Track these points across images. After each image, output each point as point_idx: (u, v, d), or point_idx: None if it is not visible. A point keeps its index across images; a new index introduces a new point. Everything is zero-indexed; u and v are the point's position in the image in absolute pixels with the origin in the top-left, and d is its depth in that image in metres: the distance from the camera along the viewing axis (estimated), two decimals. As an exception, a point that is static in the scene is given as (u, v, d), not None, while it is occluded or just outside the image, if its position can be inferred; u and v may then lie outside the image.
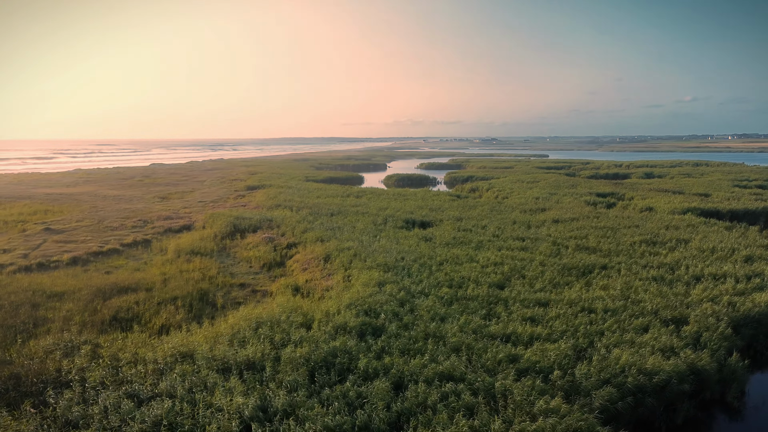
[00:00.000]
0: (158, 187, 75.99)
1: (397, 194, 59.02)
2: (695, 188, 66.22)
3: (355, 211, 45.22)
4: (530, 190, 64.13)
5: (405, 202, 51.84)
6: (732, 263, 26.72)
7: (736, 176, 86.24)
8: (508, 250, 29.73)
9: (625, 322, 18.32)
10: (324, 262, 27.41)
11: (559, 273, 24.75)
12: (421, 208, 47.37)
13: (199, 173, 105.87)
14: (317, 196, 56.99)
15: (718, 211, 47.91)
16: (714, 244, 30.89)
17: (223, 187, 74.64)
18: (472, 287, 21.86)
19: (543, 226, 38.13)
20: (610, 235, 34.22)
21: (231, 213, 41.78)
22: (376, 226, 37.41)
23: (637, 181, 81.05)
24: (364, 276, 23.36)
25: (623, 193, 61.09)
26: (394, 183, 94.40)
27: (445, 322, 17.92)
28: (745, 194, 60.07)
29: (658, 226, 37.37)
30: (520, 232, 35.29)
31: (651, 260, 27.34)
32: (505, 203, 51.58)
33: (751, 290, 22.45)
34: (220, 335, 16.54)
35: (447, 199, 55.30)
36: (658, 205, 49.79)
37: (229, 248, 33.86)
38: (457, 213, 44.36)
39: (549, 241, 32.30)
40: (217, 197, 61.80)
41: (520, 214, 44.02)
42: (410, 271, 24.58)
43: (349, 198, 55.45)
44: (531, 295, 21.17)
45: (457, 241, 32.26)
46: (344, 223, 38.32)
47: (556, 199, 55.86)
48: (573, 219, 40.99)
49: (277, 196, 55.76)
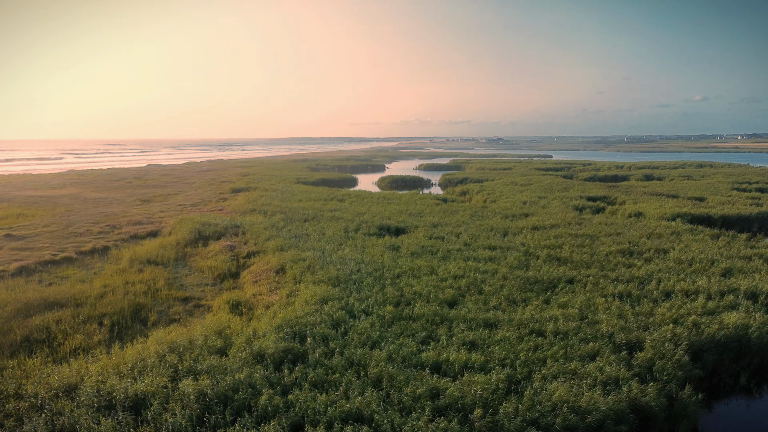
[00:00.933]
0: (145, 189, 74.96)
1: (382, 198, 57.58)
2: (691, 191, 64.31)
3: (331, 216, 43.83)
4: (520, 194, 62.49)
5: (386, 206, 50.40)
6: (708, 277, 25.07)
7: (737, 178, 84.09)
8: (475, 261, 28.22)
9: (574, 347, 16.79)
10: (276, 275, 26.03)
11: (520, 288, 23.22)
12: (401, 213, 45.92)
13: (193, 174, 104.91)
14: (299, 200, 55.67)
15: (709, 216, 46.11)
16: (694, 255, 29.23)
17: (210, 189, 73.50)
18: (420, 305, 20.40)
19: (520, 233, 36.57)
20: (587, 244, 32.60)
21: (199, 219, 40.51)
22: (346, 233, 36.00)
23: (634, 183, 79.16)
24: (309, 291, 21.97)
25: (615, 197, 59.31)
26: (388, 185, 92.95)
27: (375, 348, 16.48)
28: (741, 198, 58.11)
29: (641, 234, 35.70)
30: (494, 240, 33.76)
31: (623, 273, 25.74)
32: (490, 208, 50.02)
33: (722, 309, 20.84)
34: (123, 363, 15.18)
35: (431, 203, 53.80)
36: (648, 210, 48.03)
37: (189, 257, 32.56)
38: (435, 219, 42.86)
39: (521, 250, 30.75)
40: (200, 200, 60.62)
41: (500, 220, 42.45)
42: (361, 285, 23.14)
43: (330, 202, 54.08)
44: (481, 314, 19.67)
45: (424, 250, 30.79)
46: (315, 230, 36.94)
47: (544, 203, 54.23)
48: (554, 226, 39.38)
49: (257, 200, 54.47)
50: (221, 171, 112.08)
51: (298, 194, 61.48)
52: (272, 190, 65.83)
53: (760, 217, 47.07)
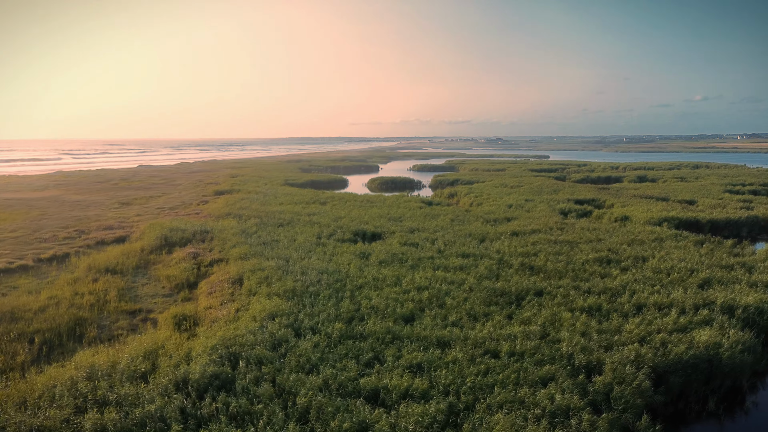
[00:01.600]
0: (128, 191, 73.76)
1: (365, 201, 56.37)
2: (682, 194, 63.11)
3: (308, 220, 42.63)
4: (508, 196, 61.28)
5: (367, 210, 49.19)
6: (684, 289, 23.85)
7: (731, 180, 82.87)
8: (444, 270, 27.01)
9: (528, 371, 15.57)
10: (232, 286, 24.82)
11: (484, 301, 22.01)
12: (381, 217, 44.70)
13: (182, 175, 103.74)
14: (280, 203, 54.47)
15: (697, 221, 44.89)
16: (673, 264, 28.02)
17: (194, 191, 72.29)
18: (373, 321, 19.19)
19: (498, 239, 35.36)
20: (564, 251, 31.39)
21: (168, 224, 39.28)
22: (318, 240, 34.80)
23: (625, 185, 77.94)
24: (260, 305, 20.76)
25: (604, 200, 58.12)
26: (377, 186, 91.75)
27: (312, 373, 15.27)
28: (733, 201, 56.90)
29: (622, 241, 34.48)
30: (470, 247, 32.54)
31: (596, 284, 24.53)
32: (473, 212, 48.80)
33: (695, 325, 19.63)
34: (31, 391, 13.98)
35: (415, 206, 52.60)
36: (635, 214, 46.83)
37: (152, 264, 31.36)
38: (415, 223, 41.65)
39: (494, 258, 29.53)
40: (180, 203, 59.43)
41: (481, 225, 41.23)
42: (317, 298, 21.93)
43: (311, 205, 52.87)
44: (437, 331, 18.46)
45: (394, 258, 29.58)
46: (286, 236, 35.74)
47: (530, 206, 53.03)
48: (534, 231, 38.17)
49: (236, 203, 53.26)
50: (211, 172, 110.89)
51: (281, 197, 60.28)
52: (255, 193, 64.64)
53: (750, 221, 45.87)
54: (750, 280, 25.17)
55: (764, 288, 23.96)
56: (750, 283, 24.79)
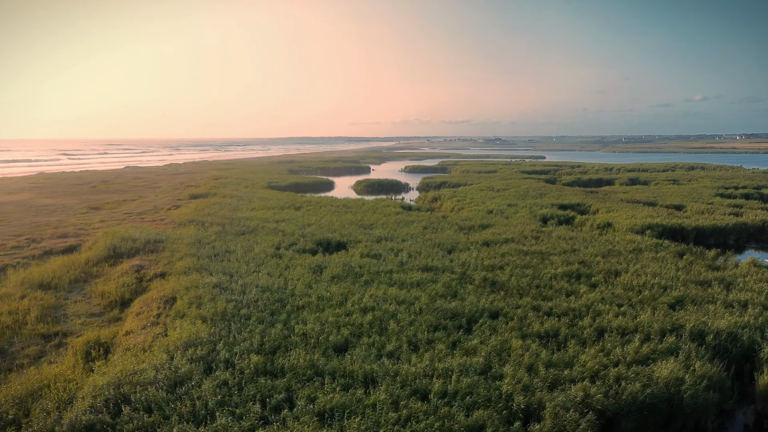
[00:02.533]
0: (104, 194, 71.79)
1: (341, 206, 54.37)
2: (671, 198, 61.12)
3: (273, 228, 40.65)
4: (491, 201, 59.32)
5: (340, 216, 47.21)
6: (653, 310, 21.88)
7: (724, 183, 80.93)
8: (399, 287, 25.03)
9: (456, 418, 13.59)
10: (164, 305, 22.83)
11: (431, 325, 20.02)
12: (352, 224, 42.72)
13: (166, 177, 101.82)
14: (252, 208, 52.47)
15: (682, 228, 42.91)
16: (647, 279, 26.01)
17: (171, 195, 70.29)
18: (297, 353, 17.19)
19: (468, 250, 33.37)
20: (533, 264, 29.39)
21: (122, 232, 37.25)
22: (276, 250, 32.80)
23: (615, 189, 75.88)
24: (179, 332, 18.78)
25: (589, 205, 56.11)
26: (364, 189, 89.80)
27: (202, 424, 13.26)
28: (723, 206, 54.90)
29: (598, 252, 32.49)
30: (435, 259, 30.56)
31: (559, 304, 22.54)
32: (450, 218, 46.80)
33: (659, 354, 17.65)
34: None
35: (391, 212, 50.62)
36: (618, 220, 44.86)
37: (93, 278, 29.38)
38: (385, 231, 39.66)
39: (457, 273, 27.54)
40: (151, 207, 57.44)
41: (453, 233, 39.24)
42: (248, 323, 19.95)
43: (284, 210, 50.89)
44: (367, 364, 16.46)
45: (350, 272, 27.59)
46: (244, 246, 33.74)
47: (511, 212, 51.07)
48: (507, 241, 36.18)
49: (205, 209, 51.26)
50: (196, 174, 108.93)
51: (256, 201, 58.30)
52: (231, 197, 62.63)
53: (737, 228, 43.90)
54: (726, 300, 23.18)
55: (740, 309, 21.98)
56: (726, 303, 22.80)
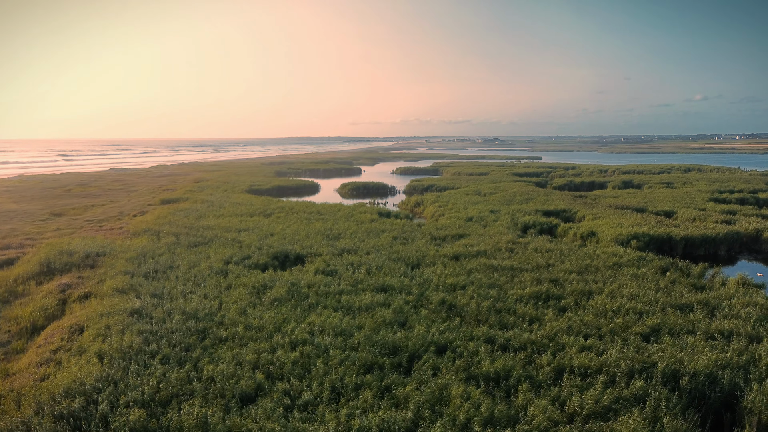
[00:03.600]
0: (75, 198, 69.16)
1: (315, 212, 51.74)
2: (663, 204, 58.47)
3: (232, 238, 38.01)
4: (474, 207, 56.67)
5: (311, 224, 44.60)
6: (624, 342, 19.25)
7: (720, 186, 78.38)
8: (345, 312, 22.40)
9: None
10: (70, 336, 20.20)
11: (365, 364, 17.37)
12: (319, 234, 40.08)
13: (147, 180, 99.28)
14: (219, 215, 49.82)
15: (670, 238, 40.26)
16: (622, 303, 23.38)
17: (143, 199, 67.63)
18: (189, 407, 14.52)
19: (434, 264, 30.74)
20: (501, 283, 26.74)
21: (65, 245, 34.56)
22: (224, 266, 30.17)
23: (606, 193, 73.22)
24: (65, 374, 16.15)
25: (575, 211, 53.49)
26: (349, 192, 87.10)
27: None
28: (715, 212, 52.29)
29: (574, 267, 29.84)
30: (395, 276, 27.91)
31: (519, 334, 19.90)
32: (425, 227, 44.15)
33: (623, 403, 15.01)
34: None
35: (366, 219, 48.00)
36: (603, 229, 42.23)
37: (17, 298, 26.73)
38: (352, 242, 37.04)
39: (415, 293, 24.91)
40: (117, 214, 54.80)
41: (424, 244, 36.59)
42: (152, 362, 17.31)
43: (252, 218, 48.24)
44: (268, 424, 13.79)
45: (296, 294, 24.97)
46: (191, 261, 31.11)
47: (492, 218, 48.44)
48: (479, 254, 33.53)
49: (169, 216, 48.60)
50: (179, 176, 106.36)
51: (228, 207, 55.66)
52: (203, 202, 59.96)
53: (729, 237, 41.27)
54: (708, 329, 20.51)
55: (723, 342, 19.32)
56: (707, 334, 20.15)
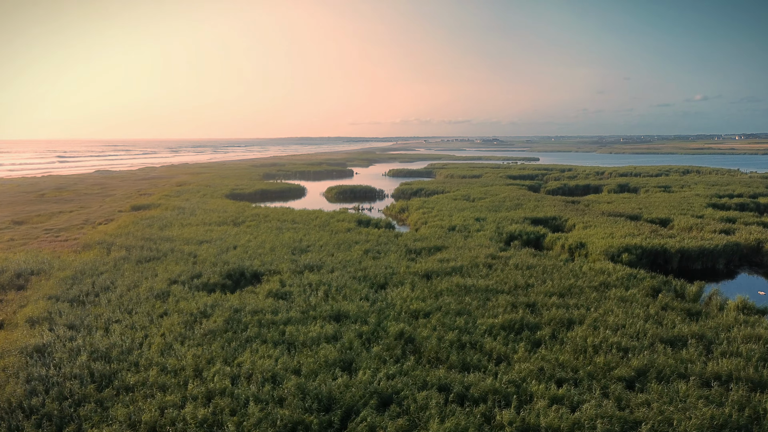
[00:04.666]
0: (46, 204, 66.15)
1: (289, 221, 48.73)
2: (659, 210, 55.45)
3: (187, 252, 35.02)
4: (460, 213, 53.71)
5: (281, 234, 41.63)
6: (603, 390, 16.25)
7: (719, 190, 75.44)
8: (288, 347, 19.42)
9: None
10: (-47, 382, 17.18)
11: (286, 426, 14.38)
12: (285, 246, 37.08)
13: (129, 183, 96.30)
14: (187, 224, 46.81)
15: (665, 250, 37.28)
16: (605, 336, 20.38)
17: (116, 204, 64.61)
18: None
19: (402, 284, 27.75)
20: (472, 308, 23.74)
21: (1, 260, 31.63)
22: (170, 286, 27.19)
23: (601, 197, 70.12)
24: None
25: (566, 219, 50.49)
26: (335, 196, 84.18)
27: None
28: (714, 220, 49.31)
29: (556, 288, 26.82)
30: (356, 300, 24.94)
31: (479, 380, 16.91)
32: (403, 237, 41.16)
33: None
34: None
35: (342, 228, 45.03)
36: (594, 240, 39.27)
37: (-73, 327, 23.73)
38: (320, 255, 34.11)
39: (372, 323, 21.91)
40: (83, 221, 51.81)
41: (397, 258, 33.60)
42: (26, 423, 14.31)
43: (221, 227, 45.25)
44: None
45: (235, 324, 21.99)
46: (133, 280, 28.13)
47: (476, 228, 45.45)
48: (454, 270, 30.52)
49: (130, 226, 45.57)
50: (163, 179, 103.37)
51: (199, 214, 52.67)
52: (174, 209, 56.93)
53: (728, 249, 38.24)
54: (704, 373, 17.49)
55: (721, 390, 16.30)
56: (702, 379, 17.14)
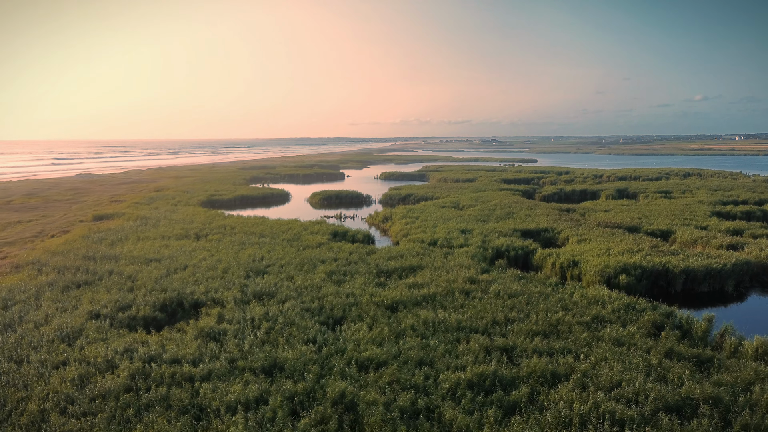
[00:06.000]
0: (6, 213, 62.19)
1: (256, 233, 44.65)
2: (660, 220, 51.38)
3: (129, 274, 30.98)
4: (446, 223, 49.72)
5: (242, 251, 37.64)
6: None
7: (722, 196, 71.42)
8: (194, 416, 15.33)
9: None
10: None
11: None
12: (242, 266, 33.06)
13: (106, 188, 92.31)
14: (144, 237, 42.72)
15: (667, 270, 33.22)
16: (596, 399, 16.29)
17: (80, 213, 60.52)
18: None
19: (361, 320, 23.70)
20: (436, 358, 19.64)
21: None
22: (88, 321, 23.13)
23: (597, 205, 65.90)
24: None
25: (559, 230, 46.44)
26: (320, 202, 79.96)
27: None
28: (719, 232, 45.30)
29: (541, 326, 22.72)
30: (297, 346, 20.88)
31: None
32: (377, 254, 37.09)
33: None
34: None
35: (314, 242, 40.98)
36: (588, 257, 35.29)
37: None
38: (276, 279, 30.12)
39: (307, 381, 17.83)
40: (35, 234, 47.75)
41: (364, 282, 29.50)
42: None
43: (180, 241, 41.20)
44: None
45: (145, 378, 17.93)
46: (50, 312, 24.09)
47: (460, 242, 41.44)
48: (426, 299, 26.42)
49: (79, 240, 41.42)
50: (143, 183, 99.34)
51: (163, 226, 48.60)
52: (137, 219, 52.83)
53: (738, 269, 34.10)
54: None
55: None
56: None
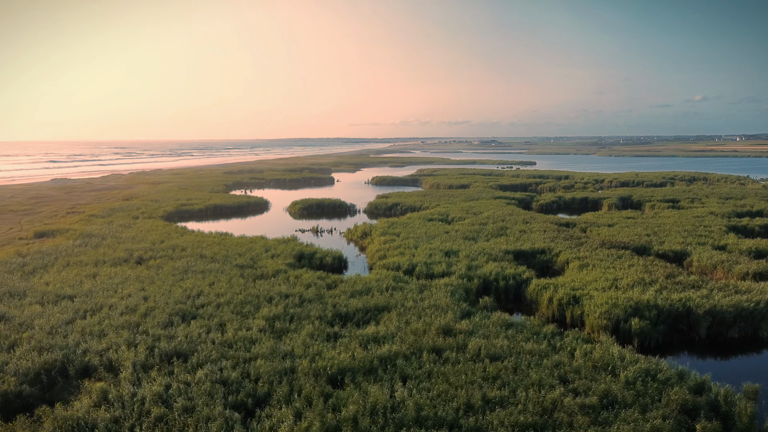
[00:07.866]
0: (-53, 227, 56.15)
1: (208, 257, 38.71)
2: (670, 237, 45.42)
3: (21, 321, 25.10)
4: (431, 242, 43.92)
5: (181, 281, 31.90)
6: None
7: (735, 206, 65.56)
8: None
9: None
10: None
11: None
12: (170, 305, 27.26)
13: (75, 195, 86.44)
14: (75, 263, 36.80)
15: (689, 312, 27.27)
16: None
17: (25, 229, 54.60)
18: None
19: (289, 402, 17.78)
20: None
21: None
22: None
23: (598, 218, 59.62)
24: None
25: (558, 252, 40.54)
26: (299, 212, 74.00)
27: None
28: (741, 254, 39.37)
29: (530, 412, 16.80)
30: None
31: None
32: (339, 289, 31.20)
33: None
34: None
35: (271, 268, 35.19)
36: (592, 292, 29.55)
37: None
38: (200, 329, 24.22)
39: None
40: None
41: (310, 336, 23.56)
42: None
43: (116, 268, 35.38)
44: None
45: None
46: None
47: (442, 268, 35.68)
48: (383, 362, 20.50)
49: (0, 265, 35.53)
50: (115, 190, 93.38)
51: (106, 246, 42.66)
52: (81, 236, 46.83)
53: (772, 308, 28.13)
54: None
55: None
56: None
